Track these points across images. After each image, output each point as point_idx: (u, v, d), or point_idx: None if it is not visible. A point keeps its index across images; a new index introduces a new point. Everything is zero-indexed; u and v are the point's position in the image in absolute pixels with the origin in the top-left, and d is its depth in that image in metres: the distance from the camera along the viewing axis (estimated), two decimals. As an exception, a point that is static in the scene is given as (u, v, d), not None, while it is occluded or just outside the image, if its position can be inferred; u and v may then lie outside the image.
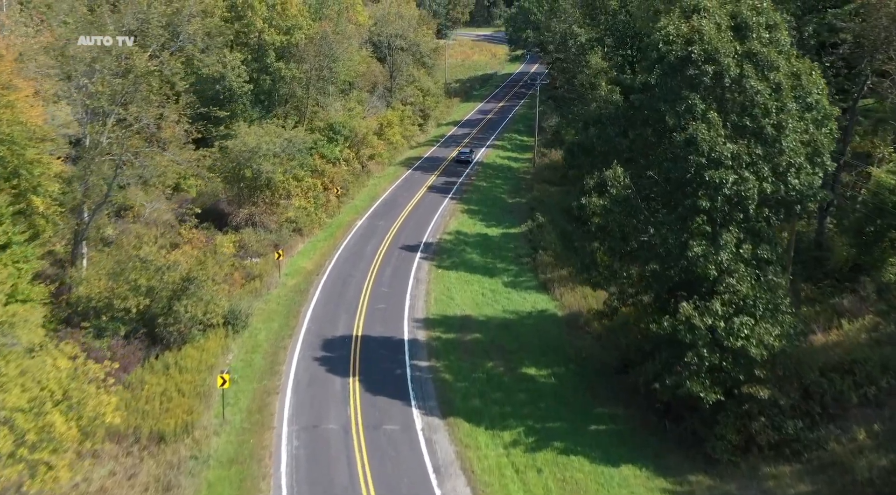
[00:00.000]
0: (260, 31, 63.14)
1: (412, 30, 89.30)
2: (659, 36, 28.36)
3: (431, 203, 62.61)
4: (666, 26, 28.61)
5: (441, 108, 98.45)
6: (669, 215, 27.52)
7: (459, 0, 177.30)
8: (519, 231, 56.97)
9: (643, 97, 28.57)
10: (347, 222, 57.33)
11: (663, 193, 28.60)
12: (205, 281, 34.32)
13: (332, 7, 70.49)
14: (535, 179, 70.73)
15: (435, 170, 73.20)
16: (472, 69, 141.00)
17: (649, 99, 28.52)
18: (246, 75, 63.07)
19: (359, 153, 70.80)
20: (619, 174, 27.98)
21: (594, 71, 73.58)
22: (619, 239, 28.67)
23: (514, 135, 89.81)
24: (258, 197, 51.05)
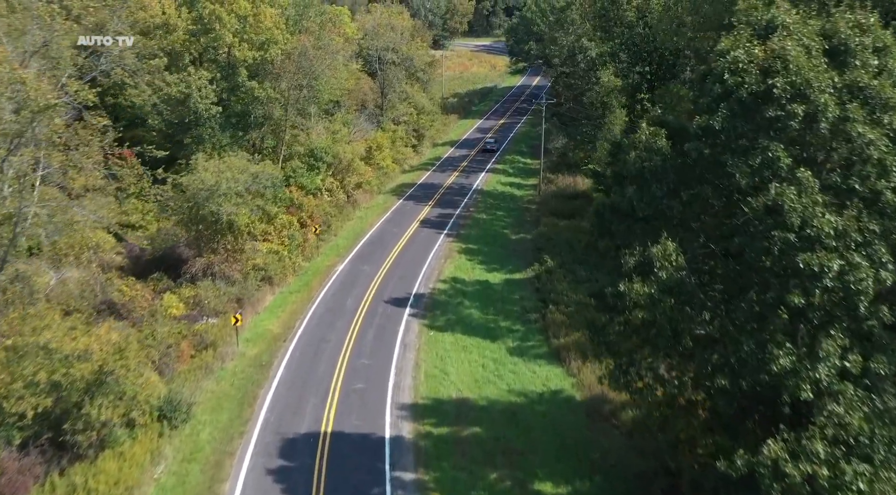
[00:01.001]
0: (230, 47, 55.64)
1: (405, 42, 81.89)
2: (724, 63, 20.75)
3: (424, 241, 54.94)
4: (732, 49, 21.00)
5: (437, 127, 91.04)
6: (742, 310, 19.95)
7: (457, 9, 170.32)
8: (524, 276, 49.29)
9: (702, 146, 21.00)
10: (327, 267, 49.62)
11: (732, 277, 21.01)
12: (125, 374, 26.56)
13: (312, 19, 62.96)
14: (540, 210, 63.09)
15: (429, 199, 65.58)
16: (470, 82, 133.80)
17: (711, 148, 20.93)
18: (214, 96, 55.62)
19: (343, 182, 63.22)
20: (670, 251, 20.45)
21: (606, 89, 66.23)
22: (669, 337, 21.11)
23: (516, 158, 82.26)
24: (218, 242, 43.35)
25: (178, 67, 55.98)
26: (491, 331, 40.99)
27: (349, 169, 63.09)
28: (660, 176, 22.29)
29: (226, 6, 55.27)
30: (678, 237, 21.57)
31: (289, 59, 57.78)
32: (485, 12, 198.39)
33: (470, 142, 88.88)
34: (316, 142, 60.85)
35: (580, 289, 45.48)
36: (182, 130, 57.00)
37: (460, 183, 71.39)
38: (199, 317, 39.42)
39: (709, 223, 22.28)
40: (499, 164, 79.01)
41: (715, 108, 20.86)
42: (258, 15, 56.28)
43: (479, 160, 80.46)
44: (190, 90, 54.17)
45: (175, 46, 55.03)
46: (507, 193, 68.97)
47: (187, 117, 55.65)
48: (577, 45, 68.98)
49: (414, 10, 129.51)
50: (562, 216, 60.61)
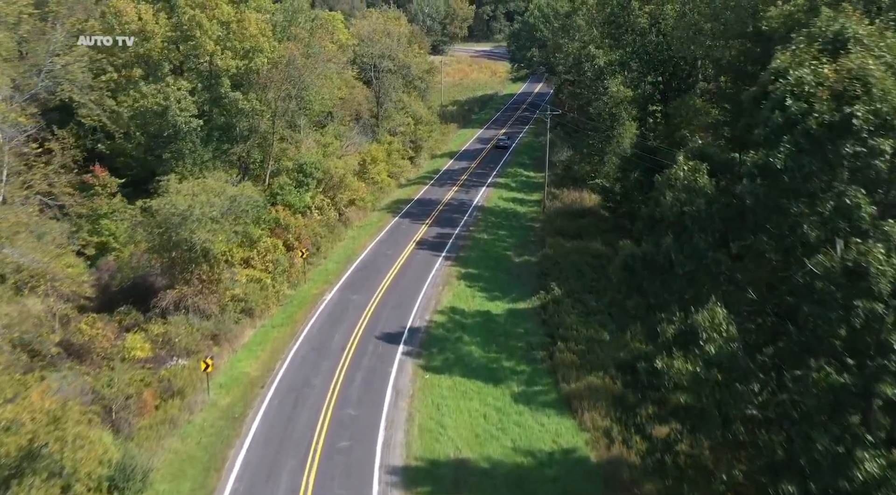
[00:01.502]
0: (211, 55, 51.61)
1: (402, 49, 77.87)
2: (785, 86, 16.74)
3: (421, 265, 50.85)
4: (793, 68, 16.97)
5: (436, 137, 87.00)
6: (809, 393, 15.92)
7: (457, 14, 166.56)
8: (529, 306, 45.17)
9: (759, 188, 16.94)
10: (314, 296, 45.51)
11: (791, 345, 16.97)
12: (60, 449, 22.42)
13: (301, 26, 58.94)
14: (545, 229, 58.98)
15: (426, 217, 61.48)
16: (470, 89, 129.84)
17: (770, 191, 16.90)
18: (194, 108, 51.66)
19: (335, 199, 59.16)
20: (719, 320, 16.41)
21: (614, 99, 62.21)
22: (717, 423, 17.05)
23: (518, 171, 78.19)
24: (192, 272, 39.25)
25: (156, 77, 52.12)
26: (493, 372, 36.86)
27: (341, 185, 59.04)
28: (704, 223, 18.23)
29: (207, 12, 51.32)
30: (725, 297, 17.49)
31: (275, 68, 53.80)
32: (485, 17, 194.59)
33: (470, 154, 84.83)
34: (305, 156, 56.76)
35: (591, 322, 41.43)
36: (161, 144, 53.10)
37: (460, 198, 67.32)
38: (167, 359, 35.30)
39: (763, 279, 18.20)
40: (500, 178, 74.93)
41: (775, 142, 16.82)
42: (242, 21, 52.31)
43: (479, 173, 76.39)
44: (168, 102, 50.25)
45: (152, 55, 51.08)
46: (509, 210, 64.88)
47: (166, 131, 51.76)
48: (584, 53, 64.93)
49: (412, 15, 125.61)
50: (568, 236, 56.50)
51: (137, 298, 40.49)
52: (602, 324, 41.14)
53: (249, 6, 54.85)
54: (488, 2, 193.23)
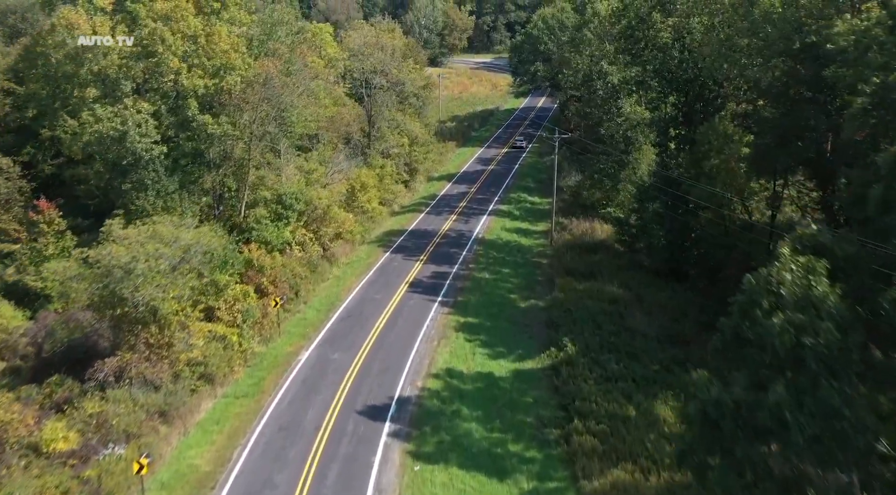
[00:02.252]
0: (177, 73, 45.49)
1: (395, 64, 71.83)
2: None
3: (413, 313, 44.55)
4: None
5: (433, 157, 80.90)
6: None
7: (456, 25, 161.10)
8: (538, 366, 38.83)
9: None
10: (288, 355, 39.19)
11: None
12: None
13: (281, 40, 52.86)
14: (554, 267, 52.70)
15: (421, 252, 55.22)
16: (470, 104, 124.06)
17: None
18: (156, 133, 45.58)
19: (318, 233, 52.92)
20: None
21: (630, 122, 56.10)
22: None
23: (522, 195, 71.98)
24: (138, 335, 32.95)
25: (115, 98, 46.02)
26: (497, 460, 30.47)
27: (325, 217, 52.80)
28: (835, 363, 11.91)
29: (171, 24, 45.26)
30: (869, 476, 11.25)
31: (250, 87, 47.70)
32: (485, 27, 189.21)
33: (470, 176, 78.63)
34: (285, 186, 50.55)
35: (612, 391, 35.09)
36: (120, 174, 47.00)
37: (458, 229, 61.08)
38: (99, 448, 28.93)
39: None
40: (503, 204, 68.70)
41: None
42: (211, 35, 46.23)
43: (480, 199, 70.16)
44: (126, 126, 44.16)
45: (109, 73, 44.97)
46: (513, 243, 58.58)
47: (125, 159, 45.65)
48: (596, 70, 58.93)
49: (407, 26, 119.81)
50: (580, 275, 50.25)
51: (76, 364, 34.23)
52: (626, 395, 34.79)
53: (222, 18, 48.82)
54: (488, 12, 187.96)
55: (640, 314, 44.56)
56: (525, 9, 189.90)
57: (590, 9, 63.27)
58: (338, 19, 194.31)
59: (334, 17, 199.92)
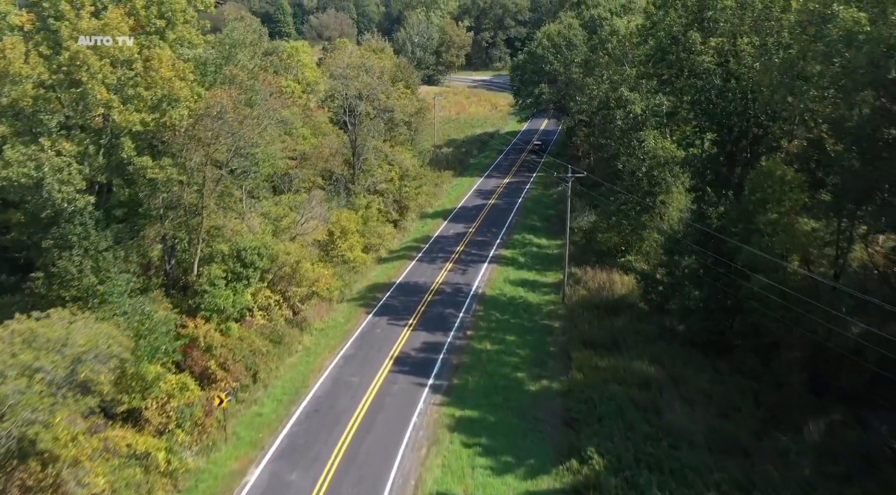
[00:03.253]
0: (107, 107, 36.97)
1: (383, 88, 63.42)
2: None
3: (397, 405, 35.75)
4: None
5: (426, 190, 72.38)
6: None
7: (453, 41, 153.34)
8: (556, 485, 30.05)
9: None
10: (230, 475, 30.30)
11: None
12: None
13: (242, 64, 44.42)
14: (569, 334, 44.06)
15: (409, 313, 46.56)
16: (468, 126, 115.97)
17: None
18: (82, 180, 36.99)
19: (286, 295, 44.26)
20: None
21: (656, 160, 47.63)
22: None
23: (527, 237, 63.35)
24: (11, 477, 24.13)
25: (32, 136, 37.50)
26: None
27: (295, 275, 44.13)
28: None
29: (99, 48, 36.77)
30: None
31: (200, 122, 39.19)
32: (484, 44, 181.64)
33: (468, 212, 70.01)
34: (246, 239, 41.87)
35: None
36: (40, 229, 38.40)
37: (454, 282, 52.41)
38: None
39: None
40: (506, 248, 60.04)
41: None
42: (150, 60, 37.70)
43: (479, 241, 61.53)
44: (42, 172, 35.57)
45: (23, 106, 36.45)
46: (518, 300, 49.86)
47: (44, 211, 37.05)
48: (614, 97, 50.50)
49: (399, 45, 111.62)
50: (600, 347, 41.68)
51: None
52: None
53: (167, 40, 40.36)
54: (487, 28, 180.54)
55: (680, 404, 35.84)
56: (525, 24, 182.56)
57: (607, 27, 54.99)
58: (331, 36, 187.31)
59: (327, 34, 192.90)
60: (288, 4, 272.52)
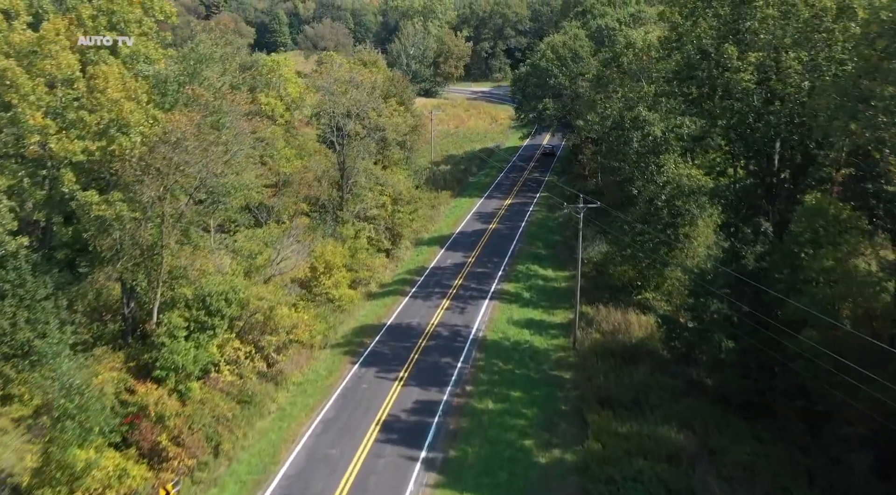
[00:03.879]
0: (42, 134, 31.63)
1: (374, 104, 58.06)
2: None
3: (383, 486, 30.13)
4: None
5: (422, 213, 66.96)
6: None
7: (451, 52, 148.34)
8: None
9: None
10: None
11: None
12: None
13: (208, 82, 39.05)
14: (582, 388, 38.49)
15: (400, 363, 41.02)
16: (467, 140, 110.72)
17: None
18: (13, 220, 31.75)
19: (259, 344, 38.73)
20: None
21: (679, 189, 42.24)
22: None
23: (532, 267, 57.81)
24: None
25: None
26: None
27: (269, 322, 38.60)
28: None
29: (36, 63, 31.50)
30: None
31: (153, 151, 33.81)
32: (483, 54, 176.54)
33: (467, 239, 64.52)
34: (212, 283, 36.35)
35: None
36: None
37: (452, 323, 46.90)
38: None
39: None
40: (508, 281, 54.53)
41: None
42: (95, 78, 32.37)
43: (479, 273, 56.03)
44: (-35, 212, 30.23)
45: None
46: (524, 345, 44.34)
47: (-29, 254, 31.73)
48: (630, 117, 45.17)
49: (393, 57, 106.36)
50: (620, 406, 36.15)
51: None
52: None
53: (119, 54, 35.07)
54: (487, 38, 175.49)
55: (718, 483, 30.29)
56: (526, 34, 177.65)
57: (621, 39, 49.71)
58: (326, 46, 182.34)
59: (322, 44, 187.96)
60: (284, 14, 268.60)
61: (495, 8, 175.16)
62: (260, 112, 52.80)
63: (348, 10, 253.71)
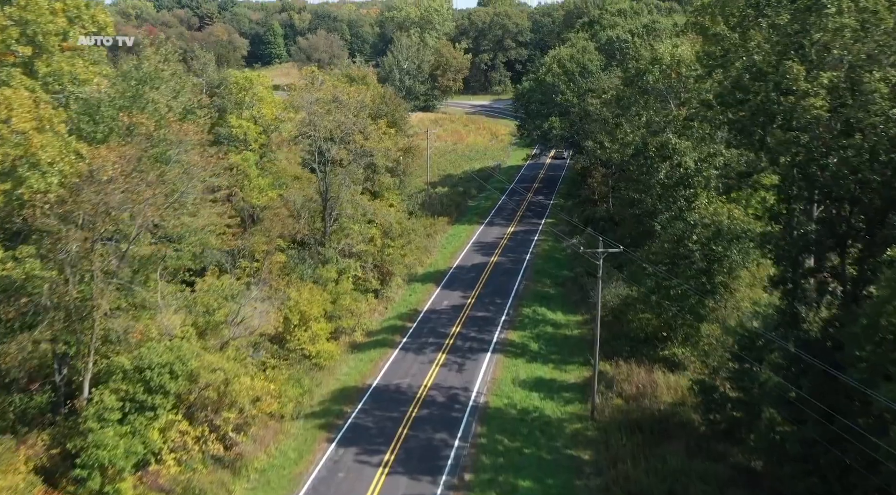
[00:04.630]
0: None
1: (361, 126, 51.50)
2: None
3: None
4: None
5: (417, 243, 60.37)
6: None
7: (450, 64, 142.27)
8: None
9: None
10: None
11: None
12: None
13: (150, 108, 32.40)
14: (603, 476, 31.70)
15: (388, 441, 34.21)
16: (466, 158, 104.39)
17: None
18: None
19: (213, 424, 31.96)
20: None
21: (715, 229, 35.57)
22: None
23: (539, 310, 51.03)
24: None
25: None
26: None
27: (224, 398, 31.81)
28: None
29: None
30: None
31: (77, 195, 27.22)
32: (482, 66, 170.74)
33: (465, 275, 57.78)
34: (154, 352, 29.61)
35: None
36: None
37: (448, 385, 40.15)
38: None
39: None
40: (513, 329, 47.79)
41: None
42: (-4, 106, 25.74)
43: (480, 318, 49.33)
44: None
45: None
46: (533, 414, 37.49)
47: None
48: (655, 143, 38.59)
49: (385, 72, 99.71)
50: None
51: None
52: None
53: (37, 74, 28.50)
54: (486, 49, 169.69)
55: None
56: (526, 46, 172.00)
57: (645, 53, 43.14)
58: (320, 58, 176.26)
59: (316, 57, 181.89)
60: (279, 25, 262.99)
61: (495, 19, 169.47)
62: (230, 137, 46.39)
63: (344, 22, 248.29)
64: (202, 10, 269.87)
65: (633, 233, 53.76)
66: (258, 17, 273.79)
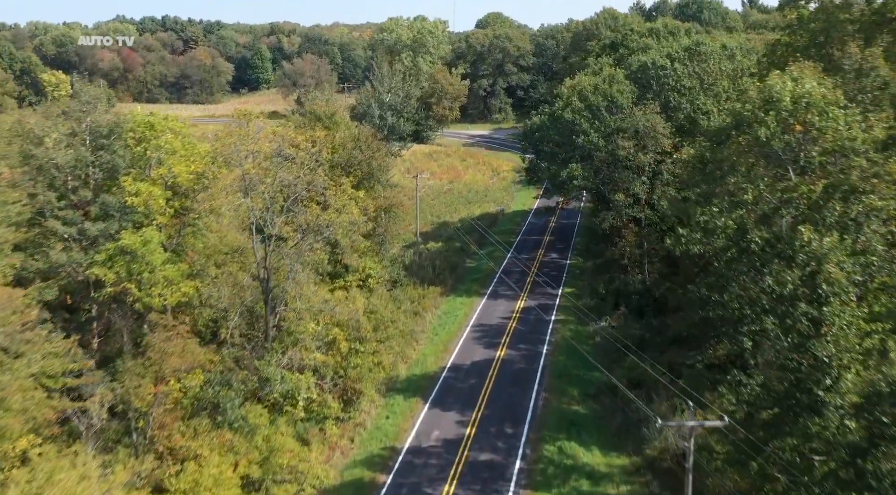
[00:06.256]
0: None
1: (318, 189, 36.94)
2: None
3: None
4: None
5: (397, 340, 45.50)
6: None
7: (445, 91, 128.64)
8: None
9: None
10: None
11: None
12: None
13: None
14: None
15: None
16: (463, 200, 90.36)
17: None
18: None
19: None
20: None
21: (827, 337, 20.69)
22: None
23: (567, 446, 36.01)
24: None
25: None
26: None
27: None
28: None
29: None
30: None
31: None
32: (481, 93, 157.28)
33: (464, 381, 42.85)
34: None
35: None
36: None
37: None
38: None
39: None
40: (534, 487, 32.79)
41: None
42: None
43: (484, 464, 34.38)
44: None
45: None
46: None
47: None
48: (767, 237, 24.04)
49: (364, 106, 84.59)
50: None
51: None
52: None
53: None
54: (485, 75, 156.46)
55: None
56: (529, 71, 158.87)
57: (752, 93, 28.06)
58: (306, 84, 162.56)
59: (302, 82, 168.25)
60: (267, 49, 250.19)
61: (494, 41, 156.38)
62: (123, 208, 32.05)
63: (336, 45, 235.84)
64: (186, 33, 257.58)
65: (691, 325, 39.74)
66: (246, 41, 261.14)
